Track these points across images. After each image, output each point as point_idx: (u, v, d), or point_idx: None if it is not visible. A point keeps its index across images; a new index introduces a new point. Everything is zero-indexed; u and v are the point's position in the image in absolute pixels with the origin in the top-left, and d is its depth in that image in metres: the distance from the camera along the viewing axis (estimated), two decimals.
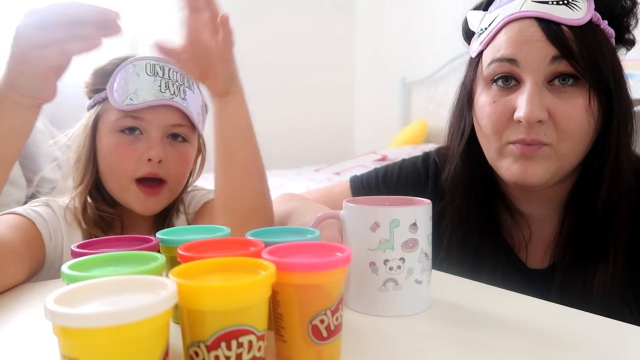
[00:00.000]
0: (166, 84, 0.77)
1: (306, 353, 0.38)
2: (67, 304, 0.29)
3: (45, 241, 0.73)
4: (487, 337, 0.45)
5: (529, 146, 0.63)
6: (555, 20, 0.62)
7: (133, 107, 0.75)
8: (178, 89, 0.78)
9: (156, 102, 0.75)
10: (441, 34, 2.63)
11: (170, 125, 0.78)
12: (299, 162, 3.01)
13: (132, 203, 0.78)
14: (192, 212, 0.86)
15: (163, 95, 0.76)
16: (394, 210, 0.49)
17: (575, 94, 0.62)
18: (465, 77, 0.74)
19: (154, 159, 0.76)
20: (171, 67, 0.79)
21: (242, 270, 0.37)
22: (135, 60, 0.78)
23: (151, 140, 0.76)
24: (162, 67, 0.78)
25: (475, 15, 0.73)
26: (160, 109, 0.76)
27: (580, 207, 0.68)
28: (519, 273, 0.72)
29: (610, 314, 0.50)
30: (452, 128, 0.77)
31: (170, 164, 0.78)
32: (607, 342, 0.44)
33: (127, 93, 0.75)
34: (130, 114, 0.76)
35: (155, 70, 0.77)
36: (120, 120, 0.76)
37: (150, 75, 0.76)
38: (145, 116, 0.76)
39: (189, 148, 0.82)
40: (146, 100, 0.75)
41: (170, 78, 0.78)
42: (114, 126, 0.77)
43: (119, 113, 0.76)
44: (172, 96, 0.77)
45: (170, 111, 0.78)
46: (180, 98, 0.78)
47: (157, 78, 0.76)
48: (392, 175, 0.85)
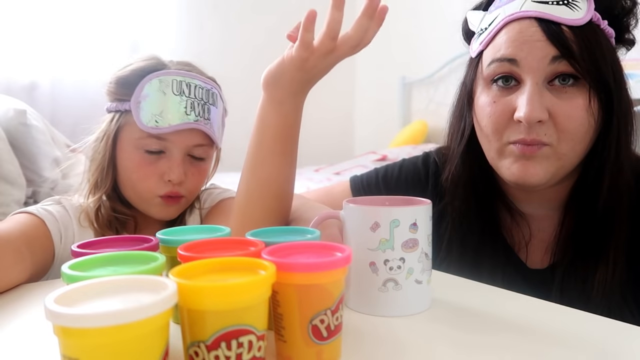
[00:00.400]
0: (192, 104, 0.77)
1: (306, 353, 0.38)
2: (67, 304, 0.29)
3: (54, 240, 0.74)
4: (488, 337, 0.45)
5: (529, 146, 0.63)
6: (555, 21, 0.62)
7: (159, 132, 0.75)
8: (202, 109, 0.78)
9: (182, 127, 0.76)
10: (441, 34, 2.62)
11: (193, 147, 0.80)
12: (299, 162, 2.97)
13: (151, 211, 0.81)
14: (208, 207, 0.87)
15: (188, 118, 0.76)
16: (394, 210, 0.49)
17: (575, 94, 0.62)
18: (465, 77, 0.74)
19: (175, 181, 0.77)
20: (197, 83, 0.79)
21: (242, 270, 0.37)
22: (162, 74, 0.77)
23: (173, 161, 0.77)
24: (188, 84, 0.78)
25: (475, 15, 0.73)
26: (184, 132, 0.77)
27: (580, 207, 0.68)
28: (519, 273, 0.72)
29: (610, 314, 0.50)
30: (452, 128, 0.77)
31: (190, 182, 0.80)
32: (608, 342, 0.44)
33: (152, 113, 0.75)
34: (155, 136, 0.76)
35: (182, 89, 0.77)
36: (144, 140, 0.77)
37: (176, 95, 0.76)
38: (169, 137, 0.77)
39: (207, 164, 0.84)
40: (172, 125, 0.75)
41: (196, 97, 0.78)
42: (137, 144, 0.77)
43: (142, 132, 0.76)
44: (197, 118, 0.77)
45: (193, 133, 0.79)
46: (204, 119, 0.79)
47: (182, 98, 0.76)
48: (392, 175, 0.85)
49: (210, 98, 0.81)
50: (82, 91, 2.24)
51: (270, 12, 3.10)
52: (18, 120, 1.49)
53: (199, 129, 0.78)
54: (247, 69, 3.03)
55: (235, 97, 2.96)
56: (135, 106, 0.75)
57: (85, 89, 2.25)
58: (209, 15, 2.87)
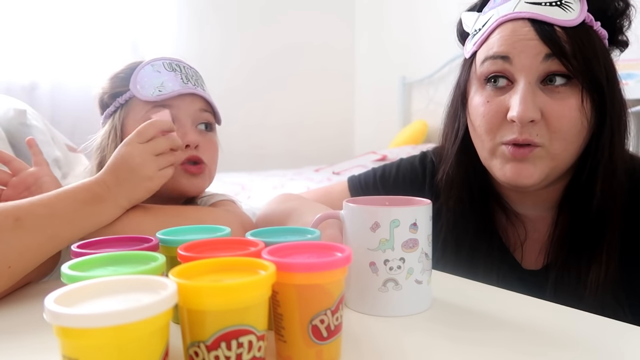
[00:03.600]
0: (186, 76, 0.81)
1: (306, 353, 0.38)
2: (67, 304, 0.29)
3: None
4: (488, 337, 0.45)
5: (520, 149, 0.63)
6: (548, 21, 0.62)
7: (163, 97, 0.77)
8: (196, 82, 0.82)
9: (184, 91, 0.78)
10: (441, 34, 2.62)
11: (199, 111, 0.81)
12: (299, 162, 3.01)
13: (178, 184, 0.78)
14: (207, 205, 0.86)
15: (187, 86, 0.79)
16: (394, 210, 0.49)
17: (568, 94, 0.63)
18: (459, 77, 0.75)
19: (192, 144, 0.78)
20: (186, 64, 0.83)
21: (242, 270, 0.37)
22: (151, 61, 0.80)
23: (185, 127, 0.78)
24: (177, 64, 0.81)
25: (470, 16, 0.74)
26: (186, 97, 0.79)
27: (574, 207, 0.68)
28: (514, 273, 0.72)
29: (604, 314, 0.50)
30: (447, 128, 0.78)
31: (207, 150, 0.81)
32: (605, 340, 0.45)
33: (154, 87, 0.77)
34: (160, 103, 0.77)
35: (173, 67, 0.81)
36: (150, 111, 0.77)
37: (169, 71, 0.80)
38: (174, 103, 0.78)
39: (215, 136, 0.85)
40: (175, 90, 0.77)
41: (188, 73, 0.82)
42: (145, 119, 0.76)
43: (147, 105, 0.77)
44: (195, 86, 0.80)
45: (195, 99, 0.81)
46: (202, 88, 0.82)
47: (177, 73, 0.80)
48: (390, 174, 0.86)
49: (200, 78, 0.84)
50: (82, 91, 2.24)
51: (271, 13, 3.10)
52: (18, 120, 1.49)
53: (199, 95, 0.81)
54: (248, 69, 3.04)
55: (236, 97, 2.98)
56: (135, 88, 0.78)
57: (86, 89, 2.25)
58: (210, 17, 2.87)
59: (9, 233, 0.54)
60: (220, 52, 2.89)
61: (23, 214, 0.55)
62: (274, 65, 3.08)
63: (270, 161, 2.98)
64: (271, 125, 3.10)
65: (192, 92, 0.79)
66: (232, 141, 3.04)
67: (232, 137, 2.86)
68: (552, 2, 0.63)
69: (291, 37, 3.14)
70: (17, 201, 0.57)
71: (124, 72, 0.80)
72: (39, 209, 0.57)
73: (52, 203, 0.58)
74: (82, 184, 0.62)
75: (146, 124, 0.67)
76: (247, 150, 2.91)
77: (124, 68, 0.81)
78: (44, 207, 0.57)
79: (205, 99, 0.82)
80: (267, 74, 3.04)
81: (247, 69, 2.99)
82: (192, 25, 2.81)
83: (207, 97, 0.82)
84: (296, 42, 3.16)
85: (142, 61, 0.81)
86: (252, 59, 3.01)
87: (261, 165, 2.84)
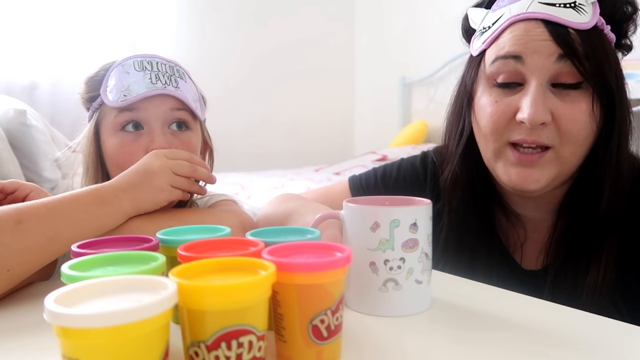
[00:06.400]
0: (156, 75, 0.78)
1: (306, 353, 0.38)
2: (67, 304, 0.29)
3: None
4: (488, 337, 0.45)
5: (529, 156, 0.63)
6: (562, 23, 0.61)
7: (128, 101, 0.75)
8: (169, 79, 0.79)
9: (150, 93, 0.76)
10: (441, 34, 2.63)
11: (169, 110, 0.78)
12: (299, 162, 3.01)
13: None
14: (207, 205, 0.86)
15: (155, 86, 0.76)
16: (394, 210, 0.49)
17: (578, 98, 0.62)
18: (465, 76, 0.74)
19: None
20: (159, 60, 0.80)
21: (242, 270, 0.37)
22: (123, 61, 0.79)
23: (152, 132, 0.77)
24: (149, 62, 0.79)
25: (477, 12, 0.73)
26: (154, 99, 0.77)
27: (577, 210, 0.68)
28: (513, 274, 0.72)
29: (600, 315, 0.50)
30: (450, 128, 0.77)
31: None
32: (605, 340, 0.45)
33: (119, 91, 0.76)
34: (127, 107, 0.76)
35: (144, 66, 0.78)
36: (118, 117, 0.76)
37: (139, 70, 0.77)
38: (141, 106, 0.76)
39: (192, 136, 0.81)
40: (139, 93, 0.75)
41: (160, 70, 0.79)
42: (114, 125, 0.77)
43: (115, 111, 0.76)
44: (164, 86, 0.77)
45: (165, 99, 0.78)
46: (173, 87, 0.78)
47: (146, 72, 0.78)
48: (391, 174, 0.85)
49: (176, 72, 0.81)
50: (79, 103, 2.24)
51: (271, 14, 3.10)
52: (18, 120, 1.49)
53: (169, 94, 0.77)
54: (247, 69, 3.04)
55: (236, 98, 2.98)
56: (104, 93, 0.77)
57: None
58: (210, 17, 2.87)
59: (8, 235, 0.54)
60: (220, 52, 2.89)
61: (24, 216, 0.55)
62: (274, 65, 3.08)
63: (270, 161, 2.98)
64: (271, 125, 3.10)
65: (161, 93, 0.76)
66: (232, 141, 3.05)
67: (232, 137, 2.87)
68: (567, 3, 0.62)
69: (291, 37, 3.14)
70: (20, 204, 0.57)
71: (98, 75, 0.80)
72: (40, 210, 0.57)
73: (55, 204, 0.58)
74: (89, 187, 0.62)
75: (187, 152, 0.71)
76: (247, 150, 2.91)
77: (98, 70, 0.81)
78: (46, 208, 0.57)
79: (178, 98, 0.78)
80: (267, 74, 3.04)
81: (247, 69, 2.99)
82: (192, 25, 2.81)
83: (179, 96, 0.78)
84: (296, 42, 3.16)
85: (115, 61, 0.80)
86: (252, 59, 3.01)
87: (261, 165, 2.84)
